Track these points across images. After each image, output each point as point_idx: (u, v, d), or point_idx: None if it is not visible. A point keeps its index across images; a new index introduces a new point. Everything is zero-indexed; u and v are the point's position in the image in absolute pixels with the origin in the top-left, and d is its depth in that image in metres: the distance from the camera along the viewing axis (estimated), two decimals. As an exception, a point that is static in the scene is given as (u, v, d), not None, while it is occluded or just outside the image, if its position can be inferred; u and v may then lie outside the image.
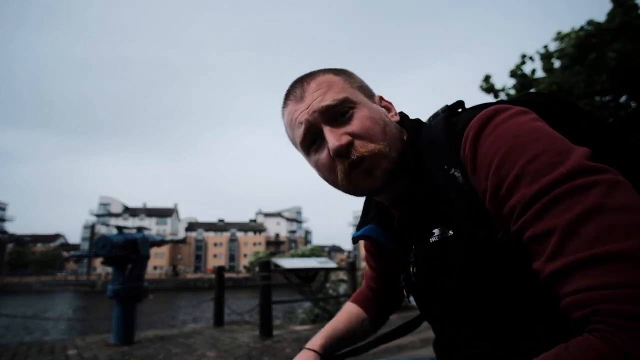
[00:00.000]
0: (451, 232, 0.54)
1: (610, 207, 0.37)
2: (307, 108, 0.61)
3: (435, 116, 0.65)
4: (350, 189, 0.63)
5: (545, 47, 7.88)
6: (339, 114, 0.61)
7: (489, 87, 8.22)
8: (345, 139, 0.58)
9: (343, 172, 0.60)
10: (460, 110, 0.64)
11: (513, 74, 8.10)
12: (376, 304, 0.90)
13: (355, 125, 0.60)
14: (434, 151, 0.57)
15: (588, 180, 0.40)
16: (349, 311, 0.90)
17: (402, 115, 0.69)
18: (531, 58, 7.98)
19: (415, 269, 0.63)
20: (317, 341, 0.81)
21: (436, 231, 0.57)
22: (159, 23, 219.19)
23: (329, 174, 0.63)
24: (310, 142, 0.63)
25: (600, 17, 7.01)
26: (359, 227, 0.79)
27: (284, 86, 0.68)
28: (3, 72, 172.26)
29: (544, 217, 0.41)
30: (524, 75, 7.97)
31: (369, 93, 0.67)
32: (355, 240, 0.79)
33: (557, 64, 7.80)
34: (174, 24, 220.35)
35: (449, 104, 0.65)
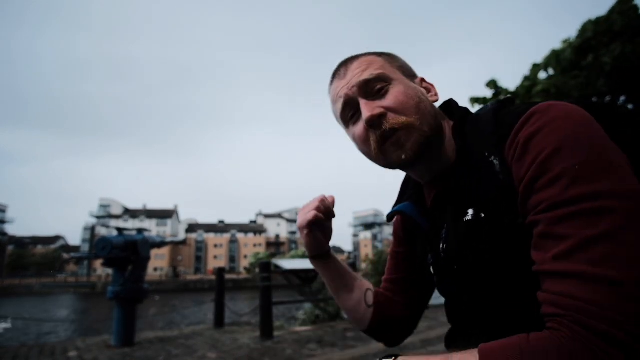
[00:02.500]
0: (483, 215, 0.57)
1: (622, 238, 0.42)
2: (347, 83, 0.66)
3: (484, 108, 0.68)
4: (383, 161, 0.66)
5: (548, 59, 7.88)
6: (375, 89, 0.64)
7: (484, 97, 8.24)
8: (378, 110, 0.62)
9: (375, 142, 0.64)
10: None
11: (490, 84, 8.18)
12: (401, 291, 0.86)
13: (389, 100, 0.63)
14: (478, 137, 0.60)
15: (613, 204, 0.43)
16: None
17: (452, 102, 0.73)
18: (493, 81, 8.13)
19: (445, 246, 0.65)
20: None
21: (470, 211, 0.59)
22: (158, 23, 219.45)
23: (364, 145, 0.67)
24: (349, 115, 0.68)
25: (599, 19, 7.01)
26: (395, 205, 0.81)
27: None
28: (3, 70, 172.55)
29: (564, 222, 0.45)
30: (500, 89, 8.06)
31: (409, 73, 0.71)
32: (390, 216, 0.82)
33: (543, 75, 7.86)
34: (174, 24, 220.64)
35: (501, 98, 0.67)
